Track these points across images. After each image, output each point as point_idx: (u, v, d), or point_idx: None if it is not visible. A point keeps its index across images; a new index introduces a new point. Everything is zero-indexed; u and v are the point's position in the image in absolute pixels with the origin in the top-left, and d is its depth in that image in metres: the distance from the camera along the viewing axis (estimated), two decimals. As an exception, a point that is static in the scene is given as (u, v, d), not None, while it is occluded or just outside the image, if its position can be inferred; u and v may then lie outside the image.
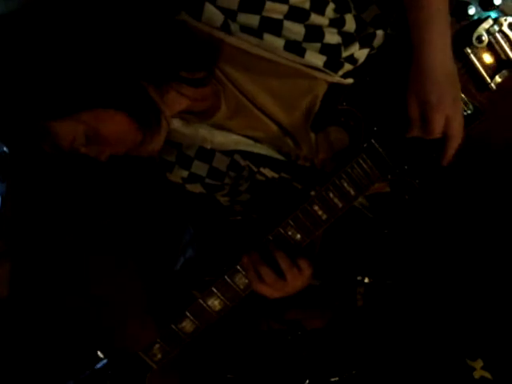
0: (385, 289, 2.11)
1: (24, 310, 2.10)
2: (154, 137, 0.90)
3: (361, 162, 0.94)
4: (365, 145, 0.94)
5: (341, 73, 0.96)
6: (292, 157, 1.06)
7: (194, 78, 0.90)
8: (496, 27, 0.94)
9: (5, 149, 2.23)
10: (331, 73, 0.94)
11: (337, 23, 0.94)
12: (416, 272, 1.99)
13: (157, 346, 1.02)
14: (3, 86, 0.80)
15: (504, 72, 0.96)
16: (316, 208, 0.94)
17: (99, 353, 1.04)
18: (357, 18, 0.97)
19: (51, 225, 2.14)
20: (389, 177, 0.96)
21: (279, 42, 0.91)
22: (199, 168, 1.10)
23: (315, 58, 0.93)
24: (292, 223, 0.94)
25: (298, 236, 0.94)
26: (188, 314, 1.00)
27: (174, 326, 1.00)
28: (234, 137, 1.04)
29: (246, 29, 0.90)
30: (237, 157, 1.09)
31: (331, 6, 0.93)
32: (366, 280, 2.09)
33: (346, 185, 0.94)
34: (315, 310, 2.08)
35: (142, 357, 1.03)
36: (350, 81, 0.96)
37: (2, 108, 0.82)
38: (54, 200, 2.13)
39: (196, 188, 1.13)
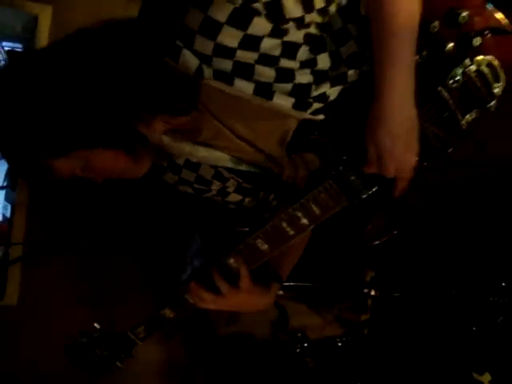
0: (392, 301, 2.11)
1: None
2: (142, 162, 1.01)
3: (328, 187, 0.99)
4: (333, 172, 0.99)
5: (310, 111, 0.99)
6: (273, 173, 1.11)
7: (178, 108, 0.97)
8: (473, 67, 0.94)
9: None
10: (300, 112, 0.99)
11: (309, 64, 0.96)
12: (423, 285, 1.98)
13: (142, 327, 1.20)
14: (9, 132, 0.91)
15: (475, 111, 0.98)
16: (284, 225, 1.01)
17: (96, 324, 1.25)
18: (333, 54, 0.99)
19: (62, 232, 2.15)
20: (354, 201, 1.00)
21: (249, 87, 0.95)
22: (187, 175, 1.17)
23: (283, 101, 0.97)
24: (261, 235, 1.03)
25: (266, 246, 1.04)
26: (169, 304, 1.15)
27: (157, 312, 1.16)
28: (218, 154, 1.08)
29: (218, 73, 0.94)
30: (221, 169, 1.15)
31: (304, 48, 0.95)
32: (373, 293, 2.08)
33: (313, 206, 1.00)
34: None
35: (129, 335, 1.22)
36: (320, 117, 1.00)
37: (9, 150, 0.94)
38: (65, 207, 2.15)
39: (187, 189, 1.21)
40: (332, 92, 0.99)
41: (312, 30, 0.94)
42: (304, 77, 0.96)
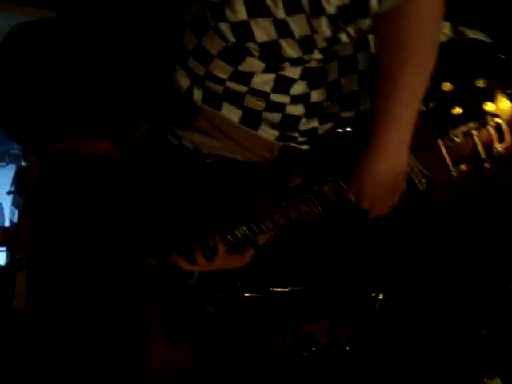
0: (400, 305, 2.08)
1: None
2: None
3: (308, 199, 1.08)
4: (315, 188, 1.07)
5: (293, 143, 1.03)
6: (262, 168, 1.17)
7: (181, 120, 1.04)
8: (475, 125, 0.96)
9: (23, 163, 2.28)
10: (283, 143, 1.03)
11: (301, 99, 0.96)
12: (432, 288, 1.96)
13: (129, 267, 1.36)
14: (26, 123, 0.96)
15: (465, 164, 1.00)
16: (262, 220, 1.16)
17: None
18: (332, 85, 0.98)
19: (67, 236, 2.17)
20: (331, 213, 1.09)
21: (236, 115, 0.98)
22: (186, 143, 1.20)
23: (267, 133, 1.00)
24: (239, 224, 1.19)
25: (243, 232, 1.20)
26: (154, 256, 1.31)
27: (145, 259, 1.33)
28: (210, 140, 1.11)
29: (208, 97, 0.96)
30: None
31: (300, 84, 0.94)
32: (381, 296, 2.06)
33: (292, 211, 1.11)
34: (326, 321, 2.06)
35: (118, 269, 1.38)
36: (304, 147, 1.04)
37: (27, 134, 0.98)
38: (70, 212, 2.17)
39: (188, 152, 1.26)
40: (322, 128, 1.01)
41: (312, 64, 0.92)
42: (296, 108, 0.97)
